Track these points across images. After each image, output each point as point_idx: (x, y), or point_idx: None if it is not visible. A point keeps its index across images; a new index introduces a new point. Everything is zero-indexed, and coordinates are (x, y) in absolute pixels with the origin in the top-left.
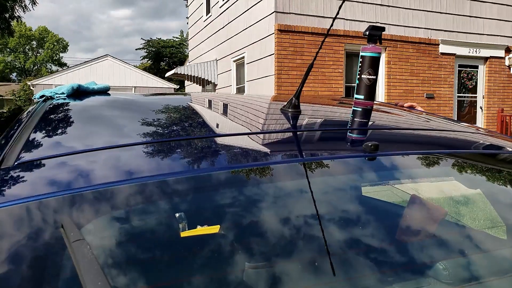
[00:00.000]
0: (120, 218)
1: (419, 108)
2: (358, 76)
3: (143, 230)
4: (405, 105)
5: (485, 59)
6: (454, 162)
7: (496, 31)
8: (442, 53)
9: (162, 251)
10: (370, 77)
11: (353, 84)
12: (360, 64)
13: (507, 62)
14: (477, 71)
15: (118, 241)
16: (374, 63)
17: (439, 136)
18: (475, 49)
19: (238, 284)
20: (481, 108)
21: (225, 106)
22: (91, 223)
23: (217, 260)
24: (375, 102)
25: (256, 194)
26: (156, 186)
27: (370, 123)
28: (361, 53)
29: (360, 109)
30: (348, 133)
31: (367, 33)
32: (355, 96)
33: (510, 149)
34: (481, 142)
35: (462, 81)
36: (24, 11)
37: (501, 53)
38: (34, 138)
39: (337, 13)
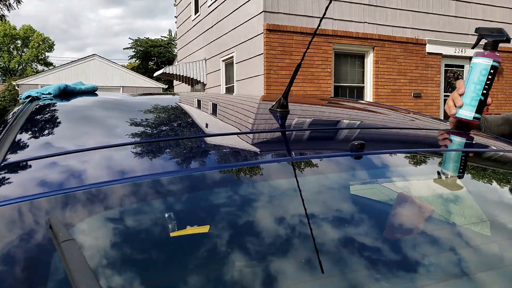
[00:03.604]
0: (109, 218)
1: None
2: (485, 92)
3: (132, 231)
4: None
5: (471, 58)
6: (440, 161)
7: None
8: (429, 53)
9: (152, 251)
10: (488, 92)
11: (341, 84)
12: (489, 77)
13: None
14: (463, 70)
15: (107, 241)
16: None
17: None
18: (460, 49)
19: (228, 283)
20: None
21: (215, 106)
22: (80, 224)
23: (207, 259)
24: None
25: (244, 193)
26: (145, 186)
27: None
28: (492, 63)
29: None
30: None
31: (491, 40)
32: (475, 115)
33: (495, 148)
34: (466, 141)
35: (449, 80)
36: (8, 10)
37: None
38: (21, 139)
39: (324, 13)
